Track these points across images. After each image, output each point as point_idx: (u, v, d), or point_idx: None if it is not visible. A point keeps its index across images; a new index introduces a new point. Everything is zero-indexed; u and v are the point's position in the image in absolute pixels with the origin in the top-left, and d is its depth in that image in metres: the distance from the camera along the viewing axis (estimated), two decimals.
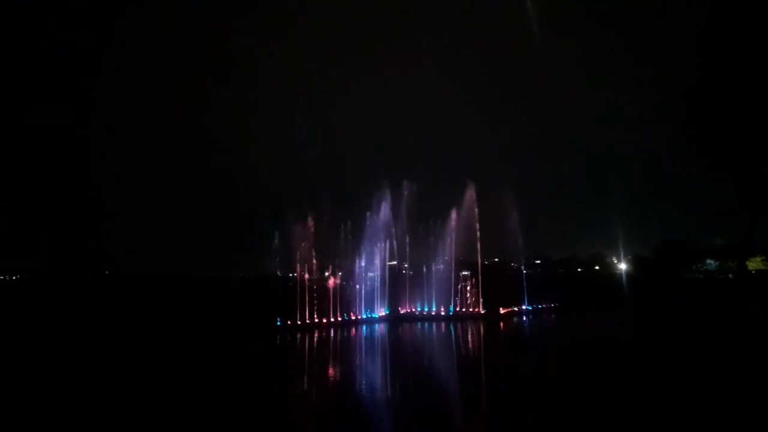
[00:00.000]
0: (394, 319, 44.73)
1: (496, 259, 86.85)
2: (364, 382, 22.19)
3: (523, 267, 55.49)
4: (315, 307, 40.52)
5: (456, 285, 46.73)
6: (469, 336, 37.12)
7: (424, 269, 48.81)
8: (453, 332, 38.42)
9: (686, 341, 28.41)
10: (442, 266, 48.52)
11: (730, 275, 74.51)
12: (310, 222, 42.99)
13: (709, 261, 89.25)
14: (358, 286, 44.73)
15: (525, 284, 49.49)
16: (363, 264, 46.35)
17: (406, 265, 50.41)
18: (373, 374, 23.88)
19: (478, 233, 47.92)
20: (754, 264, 77.51)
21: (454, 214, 47.72)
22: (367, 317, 43.98)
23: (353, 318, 42.80)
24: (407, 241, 48.88)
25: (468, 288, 46.65)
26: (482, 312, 45.34)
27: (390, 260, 49.09)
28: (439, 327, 41.35)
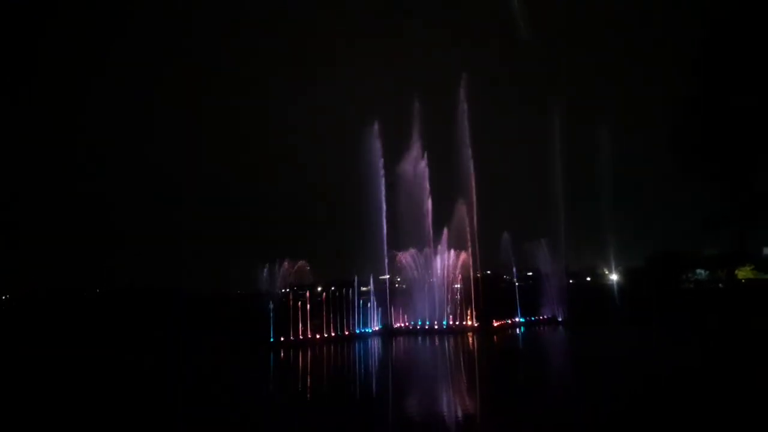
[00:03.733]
0: (387, 334, 44.50)
1: (489, 272, 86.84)
2: (366, 396, 22.02)
3: (515, 279, 55.44)
4: (308, 323, 40.16)
5: (449, 298, 46.64)
6: (463, 350, 37.03)
7: (417, 283, 48.73)
8: (447, 346, 38.26)
9: (687, 353, 28.34)
10: (434, 280, 48.42)
11: (720, 284, 75.21)
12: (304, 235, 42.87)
13: (699, 271, 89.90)
14: (351, 301, 44.48)
15: (518, 296, 49.55)
16: (356, 278, 46.17)
17: (398, 279, 50.30)
18: (373, 389, 23.74)
19: (470, 246, 48.05)
20: (744, 273, 78.28)
21: (446, 228, 47.87)
22: (361, 332, 43.74)
23: (347, 333, 42.52)
24: (400, 254, 48.81)
25: (461, 301, 46.56)
26: (475, 325, 45.25)
27: (382, 274, 49.01)
28: (432, 341, 41.19)
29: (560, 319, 49.54)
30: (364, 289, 46.50)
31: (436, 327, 45.46)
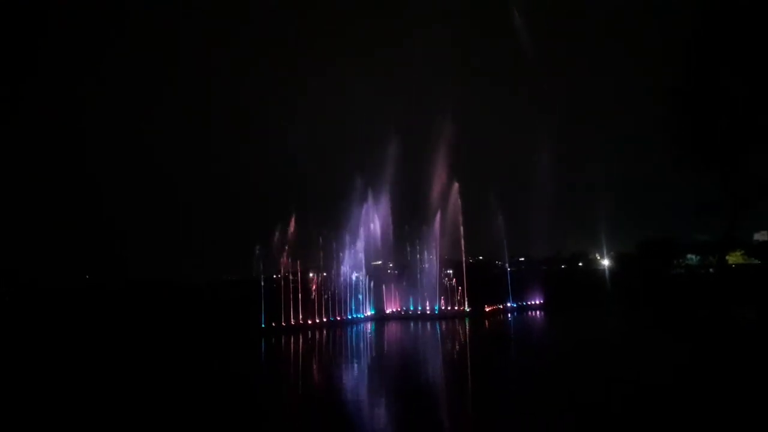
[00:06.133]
0: (380, 319, 44.62)
1: (481, 257, 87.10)
2: (354, 382, 22.02)
3: (507, 265, 55.54)
4: (301, 309, 40.11)
5: (441, 283, 46.69)
6: (454, 334, 37.17)
7: (410, 268, 48.77)
8: (439, 331, 38.37)
9: (669, 339, 28.50)
10: (427, 265, 48.46)
11: (711, 269, 75.90)
12: (295, 222, 42.77)
13: (690, 256, 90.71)
14: (344, 287, 44.48)
15: (509, 282, 49.65)
16: (349, 264, 46.15)
17: (391, 265, 50.30)
18: (363, 375, 23.75)
19: (462, 231, 47.98)
20: (734, 258, 79.11)
21: (438, 213, 47.74)
22: (353, 317, 43.78)
23: (339, 318, 42.54)
24: (392, 240, 48.83)
25: (453, 286, 46.64)
26: (467, 310, 45.38)
27: (375, 260, 49.01)
28: (424, 326, 41.28)
29: (551, 305, 49.75)
30: (356, 274, 46.47)
31: (428, 312, 45.59)
